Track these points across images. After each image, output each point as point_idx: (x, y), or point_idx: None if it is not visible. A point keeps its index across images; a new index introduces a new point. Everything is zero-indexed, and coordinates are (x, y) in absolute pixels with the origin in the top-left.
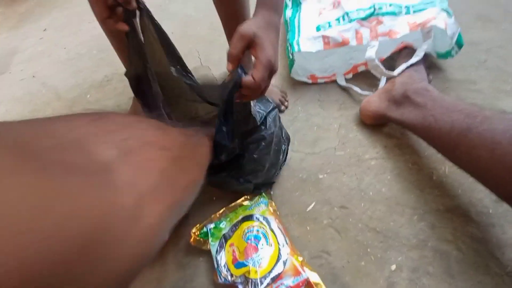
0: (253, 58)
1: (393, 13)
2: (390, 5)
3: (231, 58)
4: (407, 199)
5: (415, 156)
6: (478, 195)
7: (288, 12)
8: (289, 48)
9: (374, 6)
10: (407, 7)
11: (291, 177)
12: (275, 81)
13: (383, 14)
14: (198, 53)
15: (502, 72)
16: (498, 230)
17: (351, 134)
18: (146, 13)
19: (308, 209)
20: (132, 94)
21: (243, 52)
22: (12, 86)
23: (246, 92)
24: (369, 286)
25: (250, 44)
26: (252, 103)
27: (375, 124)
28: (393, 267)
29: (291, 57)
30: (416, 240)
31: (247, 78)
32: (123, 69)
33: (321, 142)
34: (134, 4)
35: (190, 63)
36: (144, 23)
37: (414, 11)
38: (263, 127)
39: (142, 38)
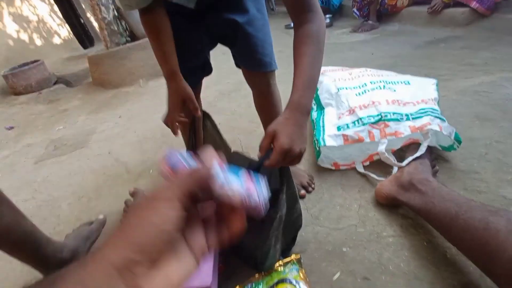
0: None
1: (396, 120)
2: (394, 113)
3: (261, 149)
4: (425, 275)
5: (429, 235)
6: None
7: (314, 114)
8: (316, 142)
9: (381, 114)
10: (407, 115)
11: (319, 249)
12: (304, 167)
13: (389, 120)
14: (240, 140)
15: (502, 163)
16: None
17: (370, 213)
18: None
19: (335, 278)
20: None
21: (269, 144)
22: (90, 159)
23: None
24: None
25: (273, 138)
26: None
27: (389, 204)
28: None
29: (317, 149)
30: None
31: (266, 162)
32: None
33: (343, 219)
34: (199, 113)
35: (234, 149)
36: (205, 123)
37: (413, 118)
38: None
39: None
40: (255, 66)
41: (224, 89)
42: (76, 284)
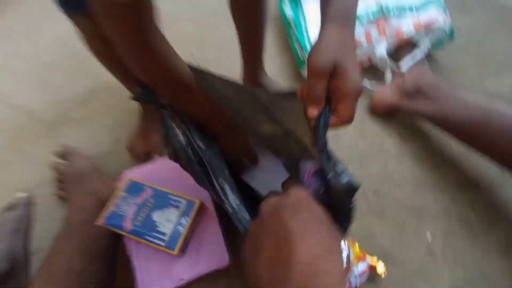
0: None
1: (399, 12)
2: (396, 5)
3: (315, 101)
4: (428, 178)
5: (426, 140)
6: (482, 167)
7: (288, 10)
8: (298, 49)
9: (381, 6)
10: (411, 7)
11: None
12: (282, 79)
13: (390, 13)
14: (192, 54)
15: (483, 56)
16: (504, 194)
17: (367, 126)
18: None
19: None
20: (129, 105)
21: (326, 90)
22: None
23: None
24: (414, 255)
25: (331, 76)
26: None
27: (387, 115)
28: (429, 235)
29: (301, 58)
30: (443, 212)
31: (335, 121)
32: (109, 76)
33: (342, 138)
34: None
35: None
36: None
37: (417, 10)
38: None
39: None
40: None
41: None
42: None
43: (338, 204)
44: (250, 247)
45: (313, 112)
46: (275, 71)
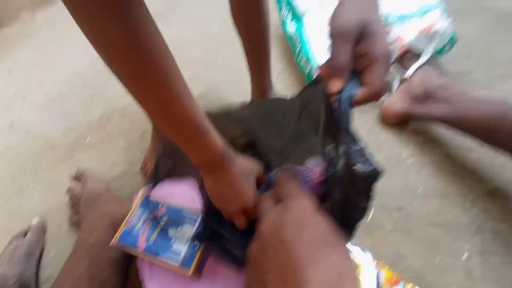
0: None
1: (400, 20)
2: (396, 13)
3: (338, 72)
4: (454, 189)
5: (446, 147)
6: (507, 174)
7: (291, 27)
8: (303, 63)
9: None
10: (411, 15)
11: None
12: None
13: (392, 23)
14: (201, 77)
15: (489, 60)
16: None
17: (381, 137)
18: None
19: (369, 216)
20: (142, 129)
21: (352, 56)
22: None
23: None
24: (451, 278)
25: (358, 40)
26: None
27: (398, 123)
28: (465, 255)
29: (307, 71)
30: (475, 226)
31: (364, 94)
32: (123, 102)
33: None
34: None
35: (196, 90)
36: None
37: (419, 15)
38: None
39: None
40: None
41: (155, 9)
42: None
43: (352, 196)
44: (253, 275)
45: (335, 86)
46: (282, 86)
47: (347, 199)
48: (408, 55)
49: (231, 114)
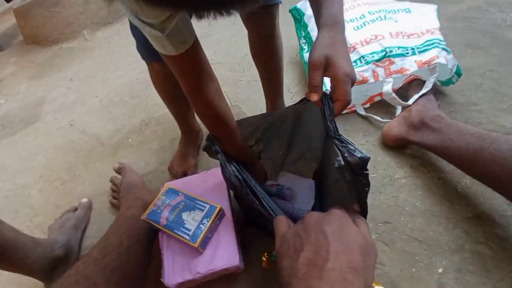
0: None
1: (402, 55)
2: (399, 48)
3: (314, 89)
4: (440, 211)
5: (439, 172)
6: (497, 201)
7: (306, 54)
8: None
9: (385, 49)
10: (413, 49)
11: None
12: None
13: (394, 56)
14: (225, 93)
15: (497, 93)
16: None
17: (379, 157)
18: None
19: None
20: (172, 136)
21: (323, 79)
22: (50, 135)
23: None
24: None
25: (325, 68)
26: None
27: (397, 146)
28: (440, 270)
29: None
30: (455, 245)
31: (337, 106)
32: (159, 112)
33: None
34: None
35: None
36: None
37: (419, 52)
38: None
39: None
40: None
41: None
42: None
43: (355, 185)
44: (290, 245)
45: (314, 97)
46: None
47: (354, 181)
48: (413, 84)
49: (243, 123)
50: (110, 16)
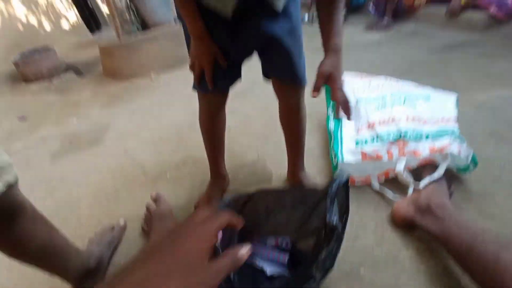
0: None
1: (416, 138)
2: (414, 131)
3: (315, 88)
4: None
5: (445, 261)
6: None
7: (331, 125)
8: (333, 156)
9: (400, 131)
10: (427, 135)
11: (336, 270)
12: (320, 179)
13: (408, 138)
14: (256, 147)
15: None
16: None
17: (386, 233)
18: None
19: None
20: (204, 178)
21: (323, 83)
22: (106, 158)
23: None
24: None
25: (328, 78)
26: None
27: (405, 226)
28: None
29: (335, 164)
30: None
31: (341, 113)
32: (197, 155)
33: (359, 239)
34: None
35: (249, 157)
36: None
37: (433, 138)
38: None
39: None
40: (289, 79)
41: (237, 87)
42: None
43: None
44: None
45: (314, 95)
46: (315, 170)
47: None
48: (427, 167)
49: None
50: (175, 61)
